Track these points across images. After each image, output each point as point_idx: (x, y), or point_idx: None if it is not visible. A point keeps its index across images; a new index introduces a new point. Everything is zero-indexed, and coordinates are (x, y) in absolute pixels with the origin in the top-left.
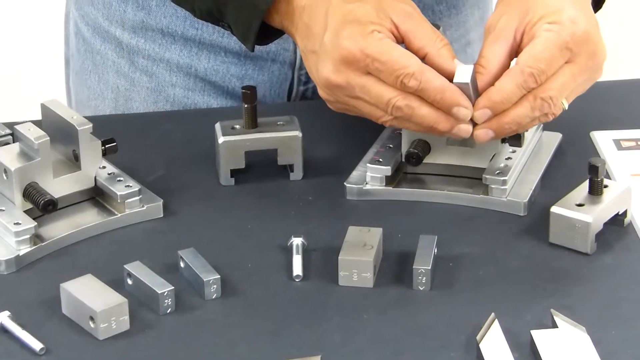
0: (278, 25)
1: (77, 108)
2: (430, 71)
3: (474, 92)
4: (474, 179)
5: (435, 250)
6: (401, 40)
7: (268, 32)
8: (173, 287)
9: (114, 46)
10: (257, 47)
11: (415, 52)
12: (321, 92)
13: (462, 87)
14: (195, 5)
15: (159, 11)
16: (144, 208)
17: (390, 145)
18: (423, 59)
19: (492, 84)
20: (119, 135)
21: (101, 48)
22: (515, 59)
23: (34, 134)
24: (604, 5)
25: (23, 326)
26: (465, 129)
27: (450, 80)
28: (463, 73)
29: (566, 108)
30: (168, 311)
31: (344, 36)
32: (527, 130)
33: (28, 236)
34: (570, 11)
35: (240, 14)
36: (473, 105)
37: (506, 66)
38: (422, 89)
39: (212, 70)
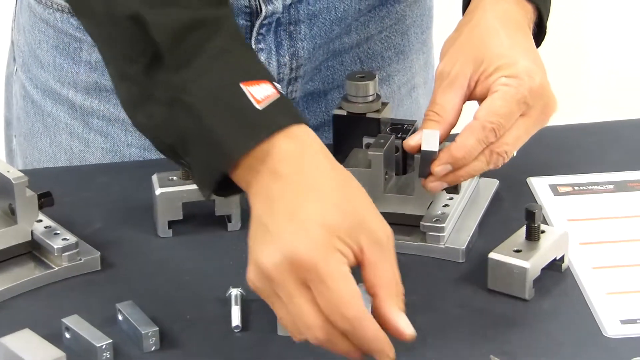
0: (239, 179)
1: None
2: (367, 319)
3: None
4: (412, 226)
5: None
6: (360, 263)
7: (229, 184)
8: (111, 340)
9: (67, 108)
10: None
11: (367, 285)
12: (250, 271)
13: (429, 154)
14: (161, 133)
15: None
16: (82, 261)
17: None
18: (371, 295)
19: (448, 131)
20: (55, 188)
21: (52, 110)
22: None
23: None
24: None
25: None
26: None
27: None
28: (430, 140)
29: (514, 155)
30: None
31: (307, 237)
32: None
33: None
34: (525, 63)
35: (204, 155)
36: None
37: (459, 113)
38: (352, 334)
39: None
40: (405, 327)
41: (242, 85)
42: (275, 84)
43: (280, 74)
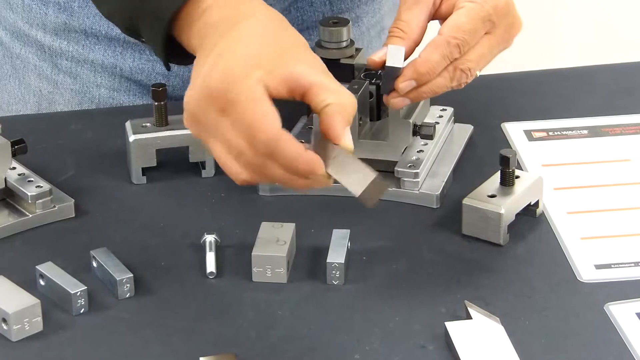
0: (184, 43)
1: None
2: (285, 138)
3: None
4: (386, 172)
5: (349, 245)
6: (301, 94)
7: (185, 53)
8: (86, 287)
9: (35, 49)
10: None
11: (316, 104)
12: (185, 119)
13: (394, 71)
14: (117, 18)
15: (81, 12)
16: (55, 208)
17: (303, 141)
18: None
19: (412, 48)
20: (29, 135)
21: (21, 52)
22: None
23: None
24: None
25: None
26: (322, 182)
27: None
28: (395, 56)
29: (478, 76)
30: (81, 311)
31: (218, 68)
32: (438, 123)
33: None
34: None
35: (150, 29)
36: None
37: (424, 31)
38: (274, 157)
39: (137, 69)
40: (347, 139)
41: None
42: None
43: None
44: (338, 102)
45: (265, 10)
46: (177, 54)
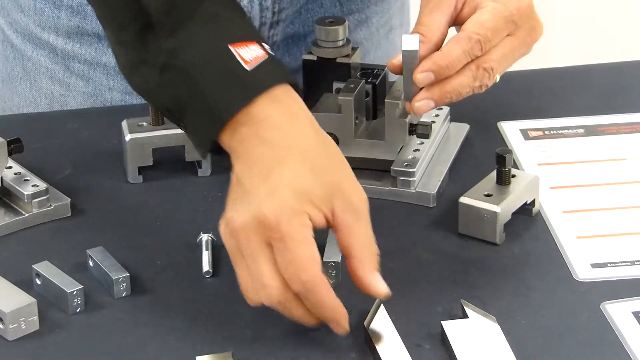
0: (225, 142)
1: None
2: (323, 285)
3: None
4: (382, 171)
5: None
6: (329, 226)
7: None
8: (82, 286)
9: (47, 52)
10: None
11: (342, 247)
12: (221, 225)
13: (411, 54)
14: (157, 97)
15: (94, 15)
16: (52, 207)
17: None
18: (346, 256)
19: (433, 51)
20: (25, 134)
21: (33, 54)
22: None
23: None
24: None
25: None
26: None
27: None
28: (410, 41)
29: (497, 80)
30: (77, 310)
31: (276, 199)
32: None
33: None
34: None
35: (199, 117)
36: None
37: (445, 34)
38: (306, 298)
39: None
40: (380, 286)
41: (230, 48)
42: (264, 44)
43: (262, 17)
44: (359, 256)
45: (315, 133)
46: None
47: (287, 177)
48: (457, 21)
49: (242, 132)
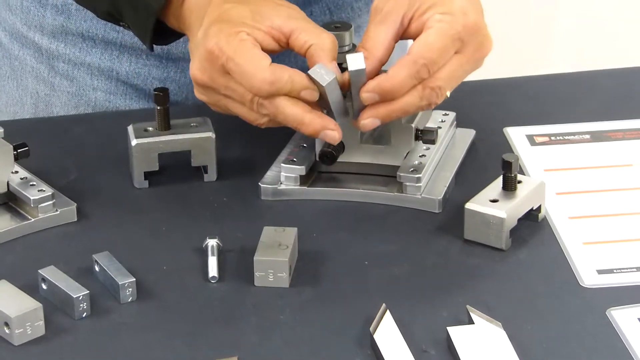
0: (174, 26)
1: None
2: (278, 67)
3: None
4: (388, 176)
5: None
6: (286, 42)
7: (168, 32)
8: (88, 291)
9: (33, 51)
10: (180, 49)
11: (300, 47)
12: (196, 92)
13: (357, 73)
14: (96, 6)
15: (78, 15)
16: (58, 212)
17: (304, 145)
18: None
19: (377, 67)
20: (31, 139)
21: (19, 53)
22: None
23: None
24: None
25: None
26: (331, 135)
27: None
28: (355, 60)
29: (448, 96)
30: (83, 315)
31: (210, 34)
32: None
33: None
34: (460, 1)
35: (136, 14)
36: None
37: (390, 50)
38: (276, 89)
39: (134, 73)
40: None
41: None
42: None
43: None
44: (318, 42)
45: None
46: (158, 37)
47: (216, 14)
48: (404, 36)
49: (176, 12)
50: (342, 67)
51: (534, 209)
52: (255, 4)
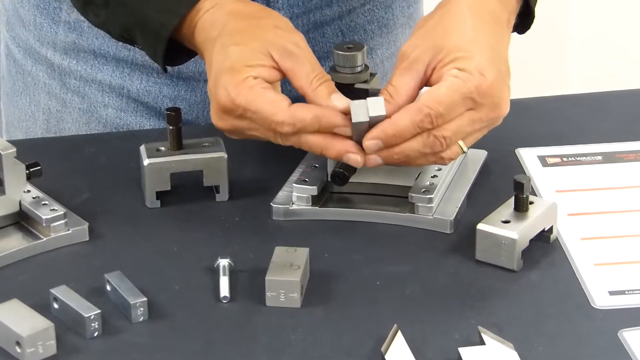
0: (187, 46)
1: (8, 129)
2: (300, 109)
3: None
4: (400, 197)
5: None
6: (285, 77)
7: (182, 51)
8: (99, 311)
9: (45, 67)
10: (191, 68)
11: (298, 90)
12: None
13: (377, 119)
14: (110, 30)
15: (90, 32)
16: (70, 231)
17: (316, 165)
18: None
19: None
20: (43, 158)
21: (32, 69)
22: None
23: None
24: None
25: None
26: (354, 158)
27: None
28: (376, 105)
29: (466, 151)
30: (95, 335)
31: (219, 86)
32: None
33: None
34: (480, 60)
35: (147, 41)
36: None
37: (413, 98)
38: (299, 129)
39: (145, 91)
40: (337, 100)
41: None
42: None
43: None
44: (309, 87)
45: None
46: (172, 56)
47: (219, 60)
48: (426, 85)
49: (189, 40)
50: (353, 88)
51: (546, 230)
52: (254, 32)
